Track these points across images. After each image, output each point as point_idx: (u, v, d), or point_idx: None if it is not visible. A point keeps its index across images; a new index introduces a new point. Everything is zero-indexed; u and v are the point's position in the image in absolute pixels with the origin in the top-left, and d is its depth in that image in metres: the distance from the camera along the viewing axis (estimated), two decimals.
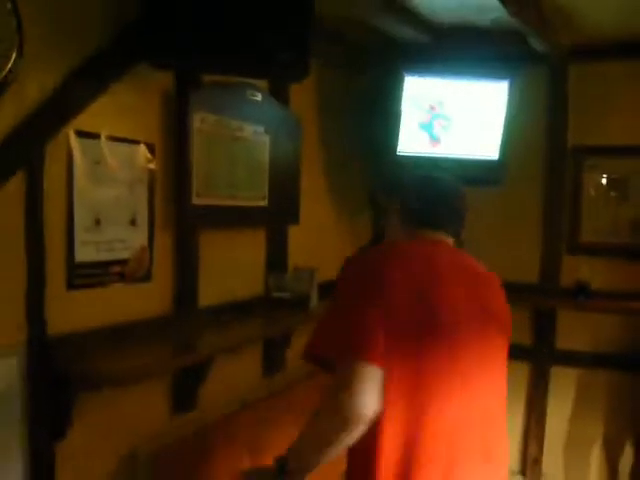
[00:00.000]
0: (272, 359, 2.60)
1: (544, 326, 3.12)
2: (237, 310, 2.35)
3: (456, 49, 2.81)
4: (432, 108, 2.79)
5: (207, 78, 2.14)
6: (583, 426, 3.09)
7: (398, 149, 2.77)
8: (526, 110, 2.95)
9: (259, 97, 2.39)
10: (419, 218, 1.53)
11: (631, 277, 2.89)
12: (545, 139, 3.07)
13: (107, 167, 1.80)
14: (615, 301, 2.83)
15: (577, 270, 2.93)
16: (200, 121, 2.10)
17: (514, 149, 2.89)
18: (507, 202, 3.14)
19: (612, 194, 3.00)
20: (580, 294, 2.85)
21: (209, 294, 2.24)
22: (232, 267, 2.37)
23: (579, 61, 3.02)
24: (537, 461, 3.21)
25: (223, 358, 2.21)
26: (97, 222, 1.78)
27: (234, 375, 2.39)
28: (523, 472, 3.24)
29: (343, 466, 1.41)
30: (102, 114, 1.77)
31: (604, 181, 3.02)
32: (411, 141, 2.78)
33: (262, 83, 2.43)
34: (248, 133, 2.35)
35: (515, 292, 1.78)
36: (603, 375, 3.00)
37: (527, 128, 2.98)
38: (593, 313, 2.45)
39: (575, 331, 3.03)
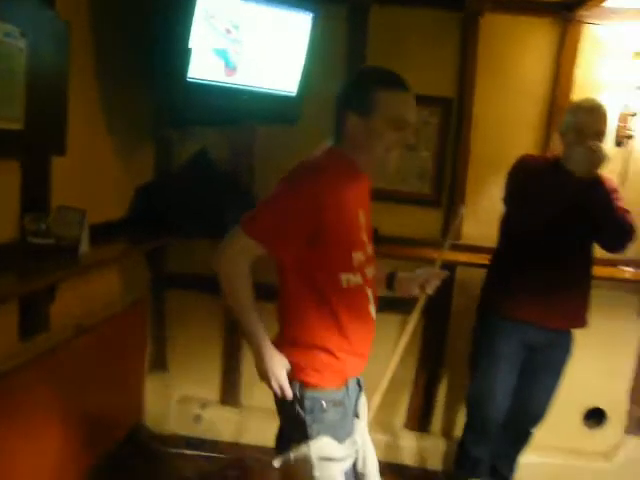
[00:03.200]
0: (32, 319, 2.14)
1: None
2: None
3: None
4: (228, 32, 2.46)
5: None
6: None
7: (188, 75, 2.41)
8: (327, 47, 2.79)
9: None
10: None
11: (417, 223, 3.00)
12: (344, 79, 2.95)
13: None
14: (402, 247, 2.89)
15: None
16: None
17: (312, 87, 2.73)
18: (301, 142, 2.94)
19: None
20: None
21: None
22: None
23: (380, 4, 2.92)
24: None
25: None
26: None
27: None
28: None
29: None
30: None
31: None
32: (204, 67, 2.43)
33: None
34: None
35: None
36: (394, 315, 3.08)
37: (327, 66, 2.83)
38: (382, 258, 2.46)
39: None
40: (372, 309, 1.75)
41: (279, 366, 1.59)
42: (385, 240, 2.81)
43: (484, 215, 2.84)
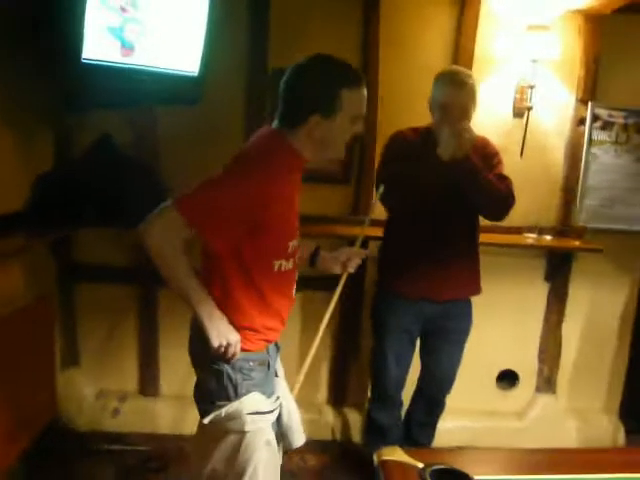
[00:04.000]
0: None
1: None
2: None
3: None
4: (123, 10, 2.36)
5: None
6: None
7: (83, 55, 2.29)
8: (229, 26, 2.74)
9: None
10: None
11: (327, 201, 3.01)
12: (247, 57, 2.90)
13: None
14: (314, 225, 2.88)
15: None
16: None
17: (215, 66, 2.66)
18: (204, 123, 2.87)
19: None
20: None
21: None
22: None
23: None
24: None
25: None
26: None
27: None
28: None
29: None
30: None
31: None
32: (99, 47, 2.31)
33: None
34: None
35: None
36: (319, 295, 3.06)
37: (229, 45, 2.77)
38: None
39: None
40: (294, 290, 1.83)
41: (230, 328, 1.63)
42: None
43: None
